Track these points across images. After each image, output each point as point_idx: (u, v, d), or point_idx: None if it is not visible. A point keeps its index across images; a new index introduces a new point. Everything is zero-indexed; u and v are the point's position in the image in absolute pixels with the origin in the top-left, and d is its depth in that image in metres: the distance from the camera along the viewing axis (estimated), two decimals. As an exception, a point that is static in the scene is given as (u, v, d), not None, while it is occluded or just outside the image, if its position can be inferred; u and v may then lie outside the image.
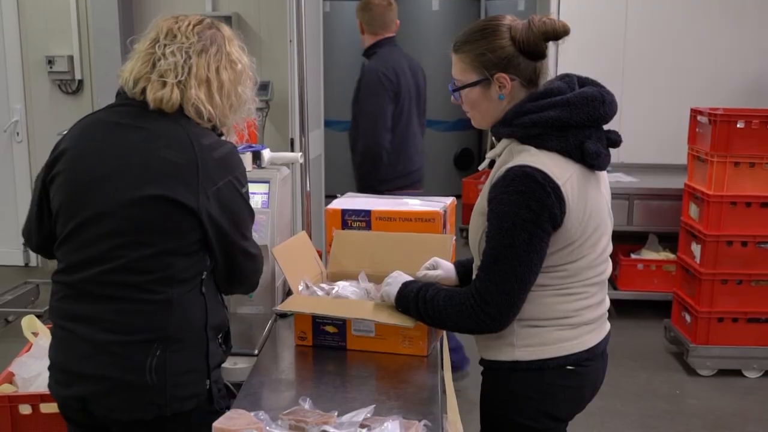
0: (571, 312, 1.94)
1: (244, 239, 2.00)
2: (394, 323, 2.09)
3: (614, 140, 1.96)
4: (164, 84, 1.88)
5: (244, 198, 1.99)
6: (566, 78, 1.98)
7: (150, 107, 1.89)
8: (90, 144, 1.94)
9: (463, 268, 2.23)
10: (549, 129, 1.87)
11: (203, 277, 1.93)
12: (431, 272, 2.21)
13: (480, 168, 2.21)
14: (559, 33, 1.92)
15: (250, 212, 2.03)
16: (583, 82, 1.98)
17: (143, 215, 1.84)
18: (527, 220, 1.80)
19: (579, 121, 1.87)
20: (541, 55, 1.93)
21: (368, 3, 4.19)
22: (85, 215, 1.87)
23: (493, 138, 2.02)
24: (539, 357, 1.94)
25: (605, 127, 1.96)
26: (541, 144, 1.87)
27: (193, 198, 1.84)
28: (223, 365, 2.09)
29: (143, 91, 1.90)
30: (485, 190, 1.94)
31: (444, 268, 2.23)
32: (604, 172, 2.00)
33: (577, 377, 1.98)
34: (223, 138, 2.03)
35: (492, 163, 2.03)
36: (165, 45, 1.91)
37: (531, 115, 1.88)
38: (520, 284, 1.85)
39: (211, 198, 1.87)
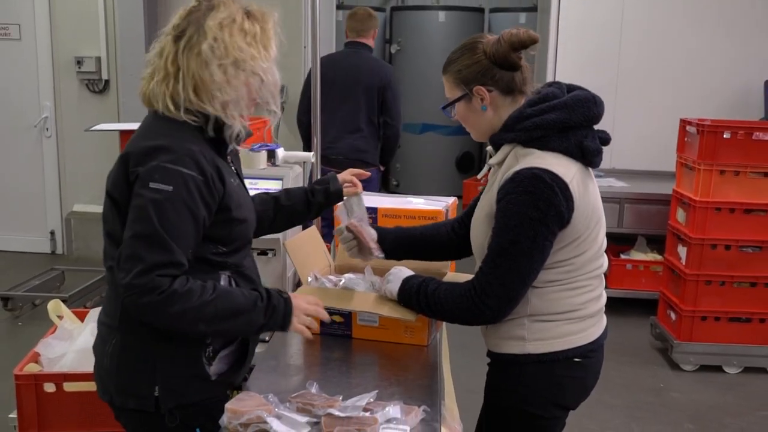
0: (577, 305, 1.93)
1: (128, 234, 1.66)
2: (396, 317, 2.09)
3: (605, 139, 1.97)
4: (143, 80, 1.79)
5: (144, 191, 1.65)
6: (555, 84, 1.99)
7: None
8: None
9: (389, 234, 2.26)
10: (551, 131, 1.86)
11: None
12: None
13: (479, 176, 2.21)
14: (525, 42, 1.91)
15: (142, 210, 1.65)
16: (570, 87, 1.98)
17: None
18: (534, 218, 1.79)
19: (577, 121, 1.88)
20: (514, 65, 1.93)
21: (354, 13, 4.88)
22: None
23: (490, 147, 2.01)
24: (549, 350, 1.93)
25: (595, 127, 1.97)
26: (544, 146, 1.86)
27: (110, 181, 1.74)
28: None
29: None
30: (488, 195, 1.93)
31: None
32: (591, 170, 2.00)
33: (582, 368, 1.97)
34: (230, 128, 1.77)
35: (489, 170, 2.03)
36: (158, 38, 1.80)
37: (533, 118, 1.88)
38: (520, 279, 1.84)
39: (120, 178, 1.70)
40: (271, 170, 2.76)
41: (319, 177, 3.12)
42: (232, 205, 1.80)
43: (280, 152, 2.85)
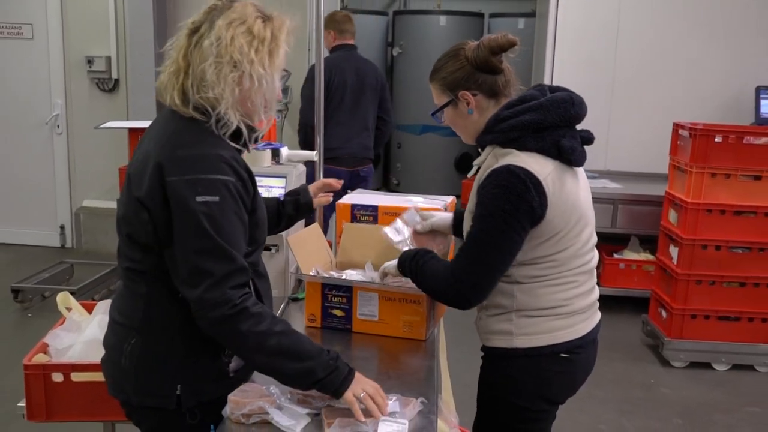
0: (563, 301, 1.94)
1: (188, 250, 1.62)
2: (400, 284, 2.11)
3: (587, 138, 1.97)
4: (161, 73, 1.73)
5: (193, 205, 1.60)
6: (538, 86, 1.99)
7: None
8: None
9: (460, 215, 2.27)
10: (526, 131, 1.87)
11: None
12: (428, 221, 2.28)
13: (468, 176, 2.22)
14: (503, 46, 1.93)
15: (197, 225, 1.60)
16: (554, 89, 1.98)
17: (123, 201, 1.75)
18: (506, 211, 1.80)
19: (553, 121, 1.88)
20: (495, 69, 1.94)
21: (334, 14, 4.92)
22: None
23: (479, 149, 2.02)
24: (535, 345, 1.93)
25: (578, 127, 1.97)
26: (521, 146, 1.87)
27: (141, 188, 1.66)
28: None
29: None
30: (473, 193, 1.94)
31: (438, 216, 2.31)
32: (582, 171, 2.00)
33: (569, 364, 1.97)
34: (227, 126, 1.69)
35: (478, 170, 2.04)
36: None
37: (509, 120, 1.89)
38: (488, 269, 1.86)
39: (155, 187, 1.64)
40: (275, 168, 2.75)
41: (322, 177, 3.12)
42: (257, 207, 1.79)
43: (284, 151, 2.85)
